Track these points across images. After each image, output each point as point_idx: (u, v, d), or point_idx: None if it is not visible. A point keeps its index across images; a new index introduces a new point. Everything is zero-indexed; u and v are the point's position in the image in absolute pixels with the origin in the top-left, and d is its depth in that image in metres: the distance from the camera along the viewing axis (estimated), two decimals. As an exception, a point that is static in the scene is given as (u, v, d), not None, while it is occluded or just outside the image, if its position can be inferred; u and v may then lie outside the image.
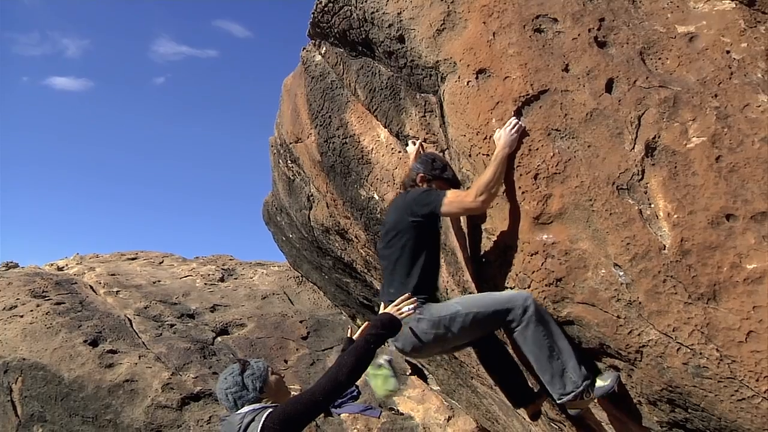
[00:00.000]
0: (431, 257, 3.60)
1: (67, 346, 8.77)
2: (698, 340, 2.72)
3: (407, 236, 3.50)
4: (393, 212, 3.68)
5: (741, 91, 2.94)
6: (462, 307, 3.33)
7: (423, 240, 3.52)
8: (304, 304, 11.54)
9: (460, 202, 3.39)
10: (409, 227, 3.50)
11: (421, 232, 3.51)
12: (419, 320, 3.31)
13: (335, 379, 2.73)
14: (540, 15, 3.49)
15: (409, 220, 3.50)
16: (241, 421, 2.67)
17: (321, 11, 4.89)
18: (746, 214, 2.72)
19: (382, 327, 3.01)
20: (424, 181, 3.71)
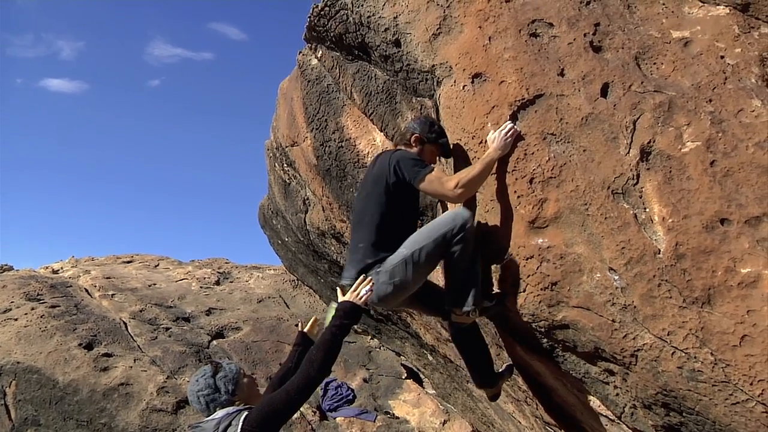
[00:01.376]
0: (404, 217, 3.62)
1: (61, 349, 8.74)
2: (693, 344, 2.72)
3: (384, 192, 3.53)
4: (378, 165, 3.65)
5: (735, 96, 2.96)
6: (407, 249, 3.40)
7: (399, 199, 3.54)
8: (300, 307, 11.54)
9: (439, 186, 3.40)
10: (387, 184, 3.51)
11: (397, 192, 3.52)
12: (378, 273, 3.41)
13: (307, 375, 2.75)
14: (535, 20, 3.50)
15: (391, 179, 3.50)
16: (217, 427, 2.64)
17: (317, 15, 4.90)
18: (740, 218, 2.73)
19: (345, 316, 3.03)
20: (418, 142, 3.70)
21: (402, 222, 3.60)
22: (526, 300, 3.23)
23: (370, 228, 3.54)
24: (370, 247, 3.52)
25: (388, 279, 3.43)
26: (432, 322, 5.74)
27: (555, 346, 3.36)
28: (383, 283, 3.43)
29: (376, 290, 3.38)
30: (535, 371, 4.00)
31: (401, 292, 3.52)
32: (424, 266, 3.44)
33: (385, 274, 3.43)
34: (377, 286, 3.39)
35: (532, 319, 3.25)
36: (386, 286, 3.44)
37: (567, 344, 3.24)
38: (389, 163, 3.53)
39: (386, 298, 3.51)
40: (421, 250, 3.38)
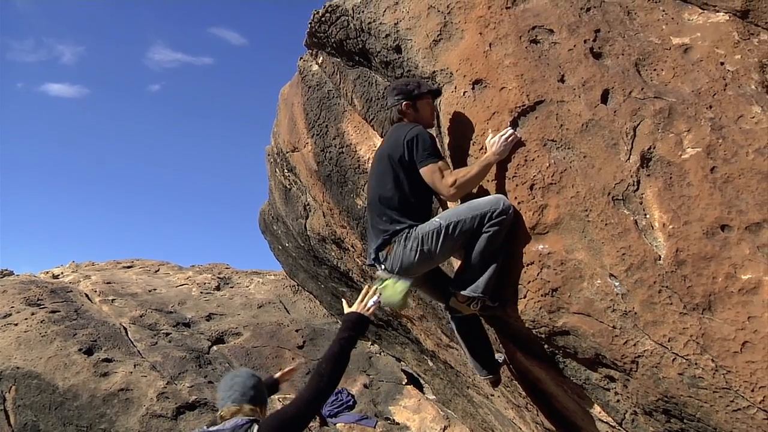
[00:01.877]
0: (421, 187, 3.60)
1: (61, 354, 8.74)
2: (693, 350, 2.72)
3: (399, 164, 3.56)
4: (393, 139, 3.67)
5: (735, 103, 2.96)
6: (442, 220, 3.41)
7: (414, 171, 3.55)
8: (300, 313, 11.53)
9: (438, 179, 3.44)
10: (402, 157, 3.54)
11: (411, 165, 3.54)
12: (407, 239, 3.45)
13: (317, 388, 2.79)
14: (536, 26, 3.51)
15: (405, 154, 3.53)
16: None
17: (318, 21, 4.91)
18: (741, 224, 2.73)
19: (352, 328, 3.06)
20: (411, 107, 3.71)
21: (420, 191, 3.61)
22: (526, 306, 3.23)
23: (391, 198, 3.57)
24: (393, 216, 3.55)
25: (416, 246, 3.42)
26: (432, 327, 5.74)
27: (555, 352, 3.35)
28: (410, 250, 3.44)
29: (400, 257, 3.46)
30: (536, 377, 3.99)
31: (425, 263, 3.52)
32: (455, 240, 3.40)
33: (414, 241, 3.43)
34: (403, 253, 3.46)
35: (532, 325, 3.25)
36: (412, 254, 3.44)
37: (567, 350, 3.24)
38: (405, 137, 3.54)
39: (409, 268, 3.49)
40: (457, 224, 3.36)
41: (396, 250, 3.50)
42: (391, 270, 3.54)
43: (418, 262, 3.46)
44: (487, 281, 3.34)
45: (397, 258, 3.50)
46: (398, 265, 3.50)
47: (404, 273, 3.53)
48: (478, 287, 3.36)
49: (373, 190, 3.76)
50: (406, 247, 3.45)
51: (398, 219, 3.53)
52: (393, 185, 3.57)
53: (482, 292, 3.35)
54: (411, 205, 3.57)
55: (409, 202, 3.57)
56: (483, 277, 3.35)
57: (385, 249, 3.56)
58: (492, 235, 3.28)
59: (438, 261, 3.62)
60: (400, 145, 3.55)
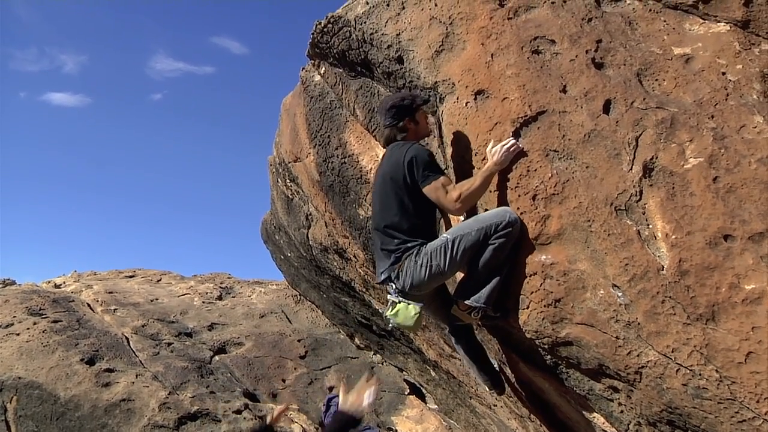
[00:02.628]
0: (426, 205, 3.65)
1: (63, 364, 8.74)
2: (697, 361, 2.71)
3: (402, 185, 3.61)
4: (393, 159, 3.71)
5: (737, 113, 2.97)
6: (450, 235, 3.46)
7: (417, 189, 3.60)
8: (302, 322, 11.52)
9: (442, 195, 3.49)
10: (404, 177, 3.59)
11: (414, 184, 3.60)
12: (417, 255, 3.51)
13: None
14: (538, 36, 3.52)
15: (407, 174, 3.58)
16: None
17: (320, 32, 4.93)
18: (744, 234, 2.73)
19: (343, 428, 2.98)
20: (411, 122, 3.79)
21: (425, 211, 3.68)
22: (529, 317, 3.22)
23: (399, 223, 3.62)
24: (403, 238, 3.59)
25: (426, 262, 3.48)
26: (435, 337, 5.73)
27: (559, 362, 3.34)
28: (420, 266, 3.49)
29: (411, 274, 3.51)
30: (539, 387, 3.98)
31: (435, 279, 3.56)
32: (463, 254, 3.42)
33: (424, 257, 3.49)
34: (414, 269, 3.51)
35: (535, 336, 3.24)
36: (423, 270, 3.49)
37: (571, 361, 3.23)
38: (404, 159, 3.60)
39: (420, 284, 3.54)
40: (463, 237, 3.40)
41: (407, 267, 3.55)
42: (402, 287, 3.59)
43: (429, 278, 3.50)
44: (490, 292, 3.36)
45: (408, 275, 3.54)
46: (409, 282, 3.55)
47: (415, 289, 3.58)
48: (480, 297, 3.37)
49: (378, 214, 3.79)
50: (417, 263, 3.51)
51: (408, 239, 3.58)
52: (398, 209, 3.63)
53: (484, 303, 3.37)
54: (418, 225, 3.63)
55: (416, 223, 3.62)
56: (487, 287, 3.37)
57: (397, 266, 3.60)
58: (497, 247, 3.29)
59: (448, 275, 3.64)
60: (400, 166, 3.60)
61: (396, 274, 3.60)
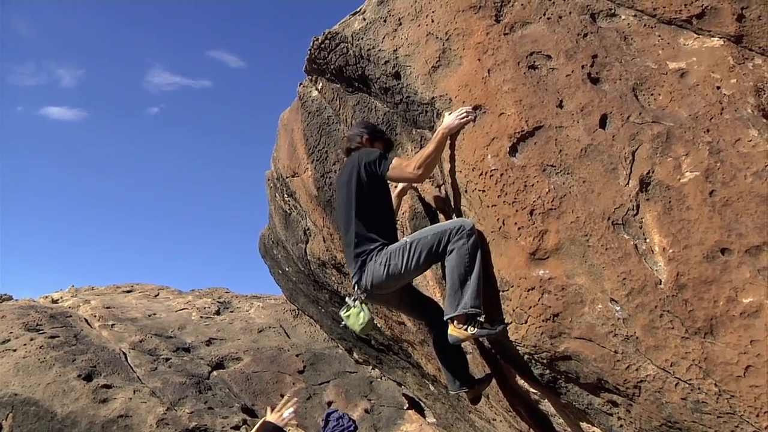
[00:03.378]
0: (384, 206, 3.95)
1: (60, 380, 8.69)
2: (696, 374, 2.71)
3: (360, 190, 3.83)
4: (348, 170, 3.94)
5: (732, 126, 2.99)
6: (409, 239, 3.68)
7: (375, 192, 3.87)
8: (301, 337, 11.48)
9: (401, 170, 3.76)
10: (361, 183, 3.82)
11: (371, 186, 3.84)
12: (377, 255, 3.70)
13: None
14: (534, 52, 3.55)
15: (363, 177, 3.81)
16: None
17: (318, 48, 4.95)
18: (741, 248, 2.74)
19: None
20: (369, 141, 4.11)
21: (384, 211, 3.93)
22: (528, 331, 3.22)
23: (360, 222, 3.81)
24: (363, 237, 3.78)
25: (385, 261, 3.66)
26: (433, 352, 5.71)
27: (557, 377, 3.34)
28: (380, 265, 3.68)
29: (372, 273, 3.69)
30: (538, 401, 3.97)
31: (394, 279, 3.70)
32: (419, 257, 3.59)
33: (384, 257, 3.67)
34: (374, 269, 3.70)
35: (534, 351, 3.24)
36: (381, 269, 3.67)
37: (570, 375, 3.23)
38: (358, 163, 3.85)
39: (380, 283, 3.71)
40: (420, 240, 3.60)
41: (368, 267, 3.75)
42: (365, 287, 3.76)
43: (387, 278, 3.68)
44: (473, 295, 3.41)
45: (369, 273, 3.74)
46: (370, 281, 3.73)
47: (376, 288, 3.75)
48: (466, 303, 3.42)
49: (342, 219, 3.99)
50: (376, 262, 3.70)
51: (369, 239, 3.78)
52: (360, 210, 3.82)
53: (472, 306, 3.41)
54: (379, 225, 3.82)
55: (376, 223, 3.82)
56: (467, 292, 3.43)
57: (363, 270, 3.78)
58: (457, 251, 3.44)
59: (405, 277, 3.77)
60: (355, 170, 3.84)
61: (360, 276, 3.78)
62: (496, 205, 3.39)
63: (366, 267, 3.75)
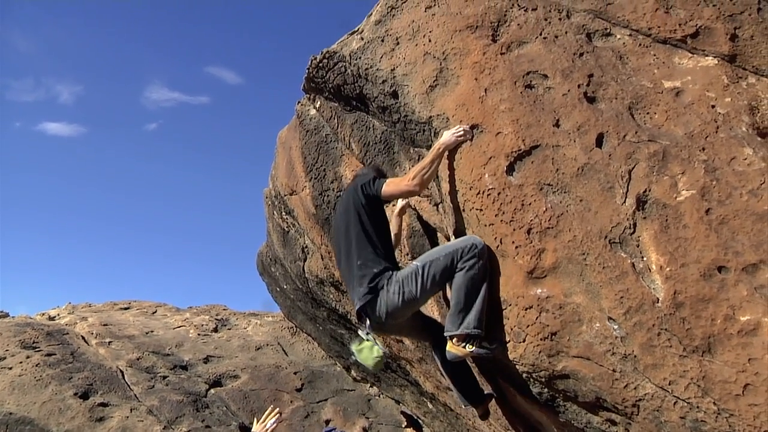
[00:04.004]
0: (386, 231, 3.95)
1: (56, 399, 8.63)
2: (695, 393, 2.71)
3: (362, 214, 3.81)
4: (347, 197, 3.97)
5: (728, 145, 3.01)
6: (419, 262, 3.60)
7: (375, 215, 3.85)
8: (299, 355, 11.43)
9: (397, 185, 3.79)
10: (362, 206, 3.81)
11: (372, 210, 3.83)
12: (388, 284, 3.60)
13: None
14: (530, 71, 3.57)
15: (363, 200, 3.82)
16: None
17: (315, 67, 4.99)
18: (738, 266, 2.75)
19: None
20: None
21: (384, 234, 3.89)
22: (526, 350, 3.22)
23: (365, 246, 3.75)
24: (367, 261, 3.71)
25: (398, 289, 3.57)
26: (432, 370, 5.70)
27: (556, 395, 3.33)
28: (393, 294, 3.57)
29: (385, 302, 3.59)
30: (537, 420, 3.96)
31: (409, 306, 3.65)
32: (433, 279, 3.53)
33: (396, 285, 3.58)
34: (387, 298, 3.59)
35: (532, 369, 3.24)
36: (396, 297, 3.57)
37: (568, 394, 3.22)
38: (355, 189, 3.88)
39: (395, 311, 3.62)
40: (431, 264, 3.53)
41: (380, 298, 3.61)
42: (378, 319, 3.66)
43: (403, 305, 3.59)
44: (476, 316, 3.40)
45: (383, 304, 3.61)
46: (385, 311, 3.62)
47: (391, 318, 3.66)
48: (469, 323, 3.41)
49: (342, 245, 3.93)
50: (389, 292, 3.58)
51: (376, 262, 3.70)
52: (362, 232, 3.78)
53: (475, 327, 3.39)
54: (380, 249, 3.77)
55: (378, 247, 3.77)
56: (471, 313, 3.40)
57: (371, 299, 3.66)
58: (467, 270, 3.39)
59: (421, 302, 3.75)
60: (355, 196, 3.86)
61: (372, 308, 3.66)
62: (493, 224, 3.40)
63: (376, 299, 3.63)
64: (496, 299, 3.41)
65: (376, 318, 3.67)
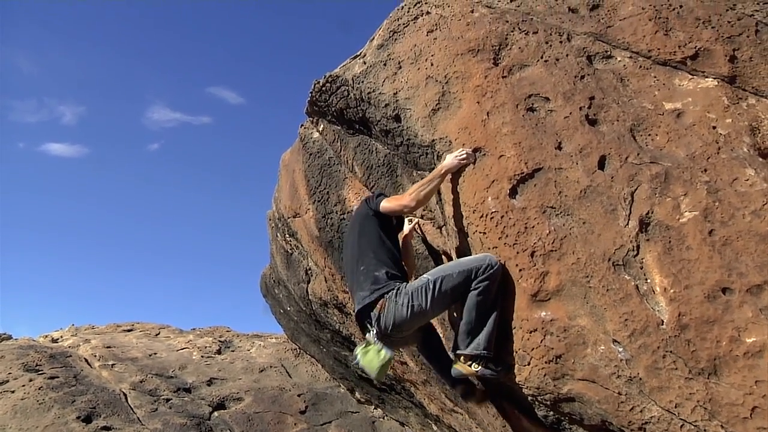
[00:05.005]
0: (394, 245, 3.96)
1: (59, 423, 8.59)
2: (701, 416, 2.69)
3: (370, 228, 3.89)
4: (358, 213, 4.08)
5: (729, 166, 3.03)
6: (431, 276, 3.56)
7: (385, 230, 3.92)
8: (302, 376, 11.38)
9: (396, 201, 3.85)
10: (369, 220, 3.90)
11: (380, 223, 3.91)
12: (397, 295, 3.56)
13: None
14: (532, 94, 3.60)
15: (370, 213, 3.91)
16: None
17: (318, 91, 5.02)
18: (742, 287, 2.75)
19: None
20: None
21: (393, 248, 3.91)
22: (530, 373, 3.21)
23: (368, 253, 3.80)
24: (373, 265, 3.74)
25: (407, 302, 3.53)
26: (436, 392, 5.67)
27: (561, 418, 3.31)
28: (402, 306, 3.54)
29: (393, 314, 3.55)
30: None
31: (417, 319, 3.61)
32: (444, 295, 3.50)
33: (405, 297, 3.54)
34: (395, 309, 3.56)
35: (537, 392, 3.22)
36: (404, 310, 3.53)
37: (573, 417, 3.20)
38: (364, 206, 3.98)
39: (402, 323, 3.58)
40: (444, 279, 3.48)
41: (388, 307, 3.59)
42: (384, 328, 3.62)
43: (410, 318, 3.55)
44: (487, 337, 3.38)
45: (390, 315, 3.58)
46: (392, 322, 3.59)
47: (397, 330, 3.62)
48: (479, 344, 3.39)
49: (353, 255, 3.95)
50: (398, 303, 3.55)
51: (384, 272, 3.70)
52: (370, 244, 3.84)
53: (484, 349, 3.38)
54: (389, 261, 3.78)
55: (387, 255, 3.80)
56: (482, 333, 3.39)
57: (378, 305, 3.64)
58: (482, 291, 3.36)
59: (429, 316, 3.73)
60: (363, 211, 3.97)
61: (377, 316, 3.64)
62: (497, 247, 3.40)
63: (384, 305, 3.61)
64: (506, 321, 3.40)
65: (381, 328, 3.64)
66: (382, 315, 3.61)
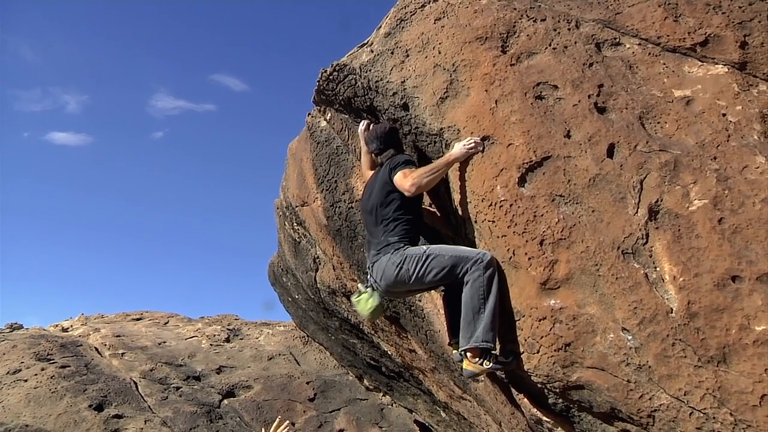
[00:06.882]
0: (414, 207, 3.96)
1: (71, 411, 8.67)
2: (711, 404, 2.70)
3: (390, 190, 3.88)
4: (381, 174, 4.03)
5: (739, 153, 3.01)
6: (429, 249, 3.67)
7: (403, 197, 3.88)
8: (311, 364, 11.43)
9: (402, 181, 3.78)
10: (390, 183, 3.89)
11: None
12: (394, 254, 3.69)
13: None
14: (540, 82, 3.59)
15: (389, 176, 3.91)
16: None
17: (326, 79, 5.01)
18: (752, 275, 2.74)
19: None
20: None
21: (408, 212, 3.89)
22: (540, 361, 3.21)
23: (388, 217, 3.85)
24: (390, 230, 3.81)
25: (398, 262, 3.66)
26: (445, 379, 5.70)
27: (571, 406, 3.32)
28: (392, 265, 3.69)
29: (383, 269, 3.74)
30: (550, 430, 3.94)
31: (400, 284, 3.73)
32: (429, 272, 3.59)
33: (399, 257, 3.68)
34: (386, 265, 3.72)
35: (546, 380, 3.23)
36: (392, 269, 3.69)
37: (583, 404, 3.21)
38: (389, 167, 3.95)
39: (387, 283, 3.76)
40: (437, 256, 3.58)
41: (381, 261, 3.73)
42: (383, 285, 3.77)
43: (395, 279, 3.69)
44: (485, 329, 3.40)
45: (381, 269, 3.74)
46: (380, 276, 3.75)
47: (382, 284, 3.77)
48: (478, 337, 3.41)
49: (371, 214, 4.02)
50: (390, 260, 3.70)
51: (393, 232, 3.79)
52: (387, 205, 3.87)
53: (484, 340, 3.39)
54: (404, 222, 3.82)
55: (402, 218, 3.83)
56: (480, 326, 3.41)
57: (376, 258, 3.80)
58: (473, 283, 3.42)
59: (411, 286, 3.78)
60: (386, 173, 3.94)
61: (372, 267, 3.81)
62: (506, 236, 3.40)
63: (379, 260, 3.77)
64: (508, 311, 3.41)
65: (372, 281, 3.83)
66: (376, 266, 3.78)
